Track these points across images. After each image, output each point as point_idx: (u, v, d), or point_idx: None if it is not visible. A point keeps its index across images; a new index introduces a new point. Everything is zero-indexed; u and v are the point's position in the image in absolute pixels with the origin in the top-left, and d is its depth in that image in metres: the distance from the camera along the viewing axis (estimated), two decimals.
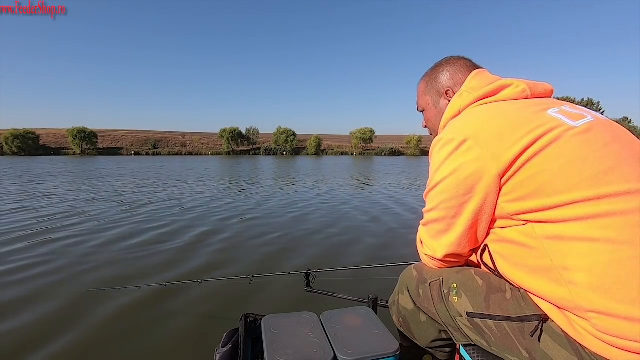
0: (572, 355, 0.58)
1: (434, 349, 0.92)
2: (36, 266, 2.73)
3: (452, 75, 0.87)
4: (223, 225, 4.31)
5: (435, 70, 0.90)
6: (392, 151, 65.02)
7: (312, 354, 0.83)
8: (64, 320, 1.88)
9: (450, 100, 0.85)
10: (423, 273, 0.86)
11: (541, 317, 0.62)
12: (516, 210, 0.63)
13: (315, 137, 65.04)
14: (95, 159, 32.15)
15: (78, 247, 3.28)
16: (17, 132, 50.87)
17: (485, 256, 0.73)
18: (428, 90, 0.91)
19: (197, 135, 74.18)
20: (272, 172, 15.54)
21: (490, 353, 0.72)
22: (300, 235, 3.82)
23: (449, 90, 0.86)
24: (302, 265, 2.41)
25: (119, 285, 2.19)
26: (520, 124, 0.64)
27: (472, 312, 0.71)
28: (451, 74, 0.87)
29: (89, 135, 56.29)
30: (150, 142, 65.36)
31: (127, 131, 73.02)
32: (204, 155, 55.38)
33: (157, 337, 1.74)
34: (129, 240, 3.55)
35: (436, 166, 0.73)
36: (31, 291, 2.26)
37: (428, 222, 0.79)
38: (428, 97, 0.92)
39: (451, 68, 0.88)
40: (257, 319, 1.07)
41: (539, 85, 0.76)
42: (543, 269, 0.60)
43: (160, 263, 2.85)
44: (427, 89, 0.91)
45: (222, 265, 2.84)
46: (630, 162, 0.57)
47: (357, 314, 1.03)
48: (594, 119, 0.65)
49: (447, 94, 0.86)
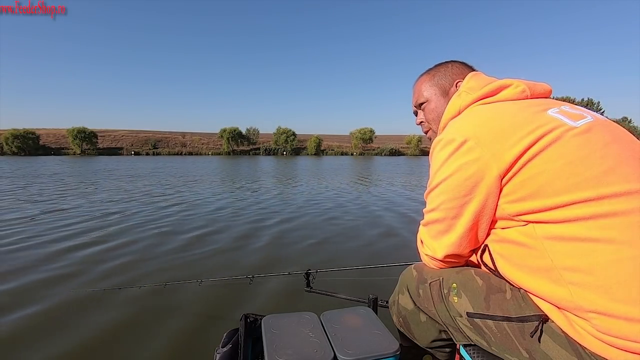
0: (572, 355, 0.58)
1: (434, 349, 0.92)
2: (40, 265, 2.73)
3: (451, 76, 0.88)
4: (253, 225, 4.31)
5: (439, 67, 0.91)
6: (392, 151, 65.05)
7: (312, 354, 0.83)
8: (64, 320, 1.88)
9: (449, 100, 0.85)
10: (423, 273, 0.86)
11: (541, 317, 0.62)
12: (517, 211, 0.63)
13: (315, 137, 65.08)
14: (96, 159, 32.16)
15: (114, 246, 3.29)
16: (17, 132, 50.90)
17: (486, 256, 0.73)
18: (435, 82, 0.90)
19: (197, 135, 74.23)
20: (273, 172, 15.53)
21: (490, 353, 0.71)
22: (301, 235, 3.82)
23: (452, 88, 0.87)
24: (302, 265, 2.41)
25: (119, 284, 2.19)
26: (521, 125, 0.63)
27: (472, 312, 0.71)
28: (451, 75, 0.88)
29: (89, 135, 56.35)
30: (150, 142, 65.37)
31: (127, 131, 73.05)
32: (204, 155, 55.38)
33: (157, 337, 1.74)
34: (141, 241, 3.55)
35: (437, 167, 0.73)
36: (31, 291, 2.26)
37: (428, 222, 0.79)
38: (435, 88, 0.90)
39: (451, 69, 0.89)
40: (257, 319, 1.07)
41: (537, 85, 0.77)
42: (543, 269, 0.60)
43: (159, 263, 2.85)
44: (434, 81, 0.91)
45: (223, 265, 2.84)
46: (630, 162, 0.57)
47: (357, 314, 1.03)
48: (593, 119, 0.65)
49: (448, 94, 0.87)
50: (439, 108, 0.90)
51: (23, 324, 1.84)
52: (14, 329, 1.79)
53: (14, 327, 1.80)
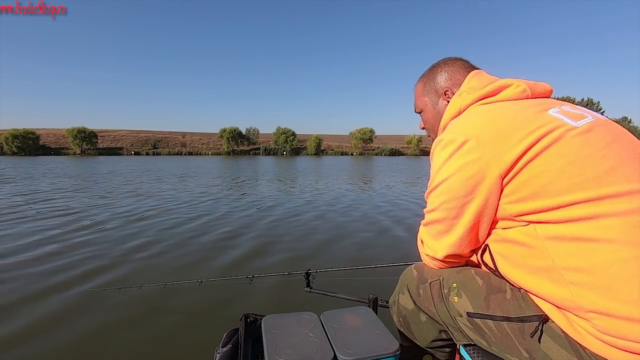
0: (572, 355, 0.58)
1: (434, 349, 0.92)
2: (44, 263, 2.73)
3: (450, 76, 0.86)
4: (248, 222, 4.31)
5: (433, 70, 0.90)
6: (392, 151, 65.06)
7: (312, 354, 0.82)
8: (64, 320, 1.88)
9: (449, 100, 0.84)
10: (423, 273, 0.86)
11: (541, 317, 0.62)
12: (518, 211, 0.63)
13: (315, 137, 65.09)
14: (96, 159, 32.14)
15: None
16: (17, 132, 50.87)
17: (486, 256, 0.73)
18: (426, 91, 0.90)
19: (197, 135, 74.25)
20: (273, 172, 15.53)
21: (490, 353, 0.71)
22: (301, 235, 3.82)
23: (448, 91, 0.85)
24: (302, 265, 2.41)
25: (119, 285, 2.19)
26: (522, 125, 0.63)
27: (472, 312, 0.71)
28: (449, 75, 0.86)
29: (89, 135, 56.37)
30: (150, 142, 65.39)
31: (127, 131, 73.03)
32: (204, 156, 55.36)
33: (157, 337, 1.74)
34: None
35: (437, 167, 0.72)
36: (31, 290, 2.25)
37: (429, 222, 0.78)
38: (426, 98, 0.91)
39: (449, 68, 0.87)
40: (257, 319, 1.07)
41: (538, 85, 0.76)
42: (544, 269, 0.60)
43: (157, 263, 2.85)
44: (425, 89, 0.90)
45: (223, 265, 2.84)
46: (630, 162, 0.57)
47: (357, 314, 1.03)
48: (594, 119, 0.65)
49: (446, 95, 0.86)
50: (431, 120, 0.91)
51: (23, 323, 1.84)
52: (14, 328, 1.79)
53: (14, 327, 1.80)
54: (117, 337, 1.73)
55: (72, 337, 1.72)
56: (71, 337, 1.72)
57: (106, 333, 1.76)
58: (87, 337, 1.72)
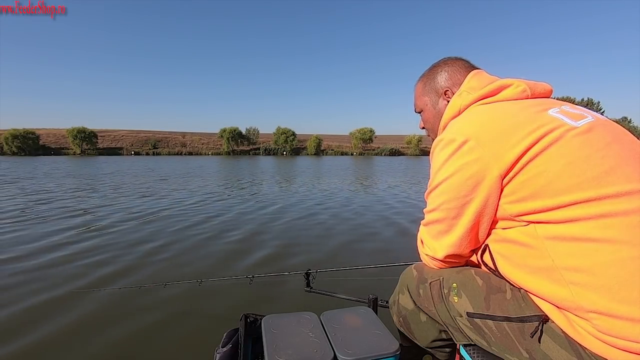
0: (572, 355, 0.58)
1: (434, 349, 0.92)
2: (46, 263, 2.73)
3: (450, 76, 0.86)
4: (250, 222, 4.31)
5: (433, 70, 0.89)
6: (392, 151, 65.05)
7: (312, 354, 0.82)
8: (64, 320, 1.88)
9: (449, 100, 0.84)
10: (423, 273, 0.86)
11: (541, 317, 0.62)
12: (518, 211, 0.62)
13: (315, 137, 65.09)
14: (97, 159, 32.14)
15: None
16: (17, 132, 50.85)
17: (486, 256, 0.73)
18: (426, 90, 0.90)
19: (197, 135, 74.25)
20: (272, 172, 15.53)
21: (490, 353, 0.71)
22: (301, 235, 3.82)
23: (448, 91, 0.85)
24: (302, 265, 2.41)
25: (119, 284, 2.19)
26: (522, 124, 0.63)
27: (472, 312, 0.71)
28: (449, 74, 0.86)
29: (89, 135, 56.37)
30: (150, 142, 65.38)
31: (127, 131, 73.04)
32: (204, 156, 55.37)
33: (157, 337, 1.73)
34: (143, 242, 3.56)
35: (437, 167, 0.72)
36: (30, 290, 2.25)
37: (429, 222, 0.78)
38: (426, 98, 0.91)
39: (449, 68, 0.87)
40: (257, 319, 1.07)
41: (538, 85, 0.76)
42: (544, 269, 0.60)
43: (158, 262, 2.85)
44: (425, 89, 0.90)
45: (223, 265, 2.84)
46: (630, 162, 0.57)
47: (357, 314, 1.03)
48: (594, 119, 0.65)
49: (446, 94, 0.85)
50: (431, 119, 0.91)
51: (23, 323, 1.84)
52: (13, 328, 1.79)
53: (13, 326, 1.80)
54: (117, 337, 1.73)
55: (71, 337, 1.72)
56: (70, 337, 1.71)
57: (106, 333, 1.76)
58: (87, 337, 1.72)
